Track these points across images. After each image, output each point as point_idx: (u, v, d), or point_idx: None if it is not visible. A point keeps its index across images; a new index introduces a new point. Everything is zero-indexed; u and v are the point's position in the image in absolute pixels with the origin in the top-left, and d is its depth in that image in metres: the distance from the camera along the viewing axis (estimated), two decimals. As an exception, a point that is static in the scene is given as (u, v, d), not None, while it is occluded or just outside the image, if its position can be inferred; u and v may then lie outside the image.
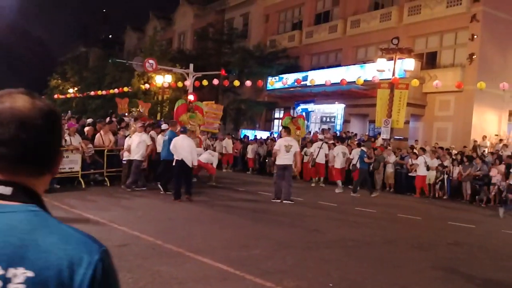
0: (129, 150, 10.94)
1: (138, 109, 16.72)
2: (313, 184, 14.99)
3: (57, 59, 59.93)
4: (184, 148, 9.65)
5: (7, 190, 0.88)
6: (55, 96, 38.67)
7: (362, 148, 13.63)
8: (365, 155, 13.37)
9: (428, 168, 14.20)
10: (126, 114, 17.58)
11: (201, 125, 15.43)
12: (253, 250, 5.91)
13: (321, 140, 15.62)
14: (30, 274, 0.83)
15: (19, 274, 0.83)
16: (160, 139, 11.52)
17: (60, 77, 43.07)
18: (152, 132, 12.78)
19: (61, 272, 0.84)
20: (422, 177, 14.15)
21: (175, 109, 14.91)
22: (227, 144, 19.08)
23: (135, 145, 10.77)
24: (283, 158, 10.28)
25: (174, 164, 9.71)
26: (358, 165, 13.80)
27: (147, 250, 5.60)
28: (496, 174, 12.98)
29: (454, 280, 5.24)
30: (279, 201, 10.26)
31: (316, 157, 14.88)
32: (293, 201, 10.31)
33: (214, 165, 13.37)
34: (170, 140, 10.16)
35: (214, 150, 18.43)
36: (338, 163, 14.22)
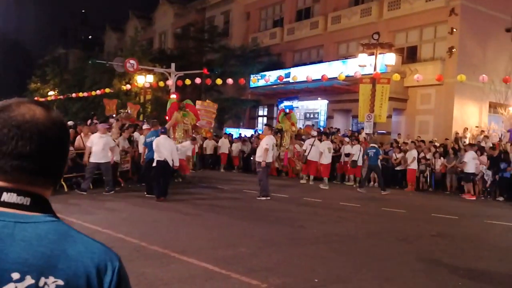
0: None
1: (126, 111, 16.53)
2: (303, 181, 14.87)
3: (36, 62, 58.88)
4: (166, 148, 9.66)
5: (26, 200, 0.89)
6: (35, 99, 37.98)
7: (373, 144, 13.64)
8: (380, 153, 13.56)
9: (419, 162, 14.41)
10: (114, 115, 17.35)
11: (195, 124, 15.43)
12: (239, 249, 5.89)
13: (313, 136, 15.46)
14: (60, 282, 0.86)
15: (50, 283, 0.85)
16: (142, 139, 11.39)
17: (39, 80, 42.32)
18: (136, 134, 12.67)
19: (89, 279, 0.88)
20: (413, 171, 14.34)
21: (167, 109, 14.91)
22: (223, 144, 19.01)
23: (101, 148, 10.24)
24: (270, 156, 10.49)
25: (155, 164, 9.67)
26: (359, 162, 14.31)
27: (132, 253, 5.52)
28: (479, 165, 13.20)
29: (438, 271, 5.30)
30: (269, 198, 10.26)
31: (308, 154, 14.75)
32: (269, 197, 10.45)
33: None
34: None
35: (203, 150, 18.46)
36: (325, 159, 14.26)
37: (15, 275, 0.83)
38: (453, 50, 19.06)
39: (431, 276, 5.11)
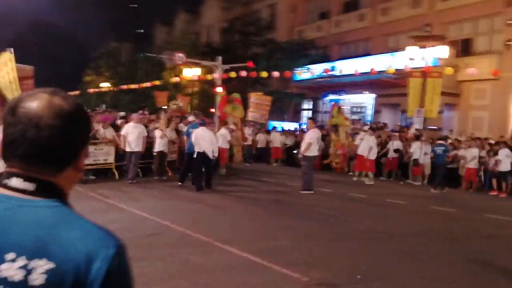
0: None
1: (177, 103, 16.99)
2: (354, 179, 14.17)
3: (91, 55, 61.35)
4: (205, 140, 9.69)
5: (30, 186, 0.93)
6: (90, 90, 39.74)
7: (441, 141, 13.39)
8: (448, 150, 13.16)
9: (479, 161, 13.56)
10: (166, 107, 17.86)
11: (245, 117, 15.77)
12: (280, 241, 5.92)
13: (364, 131, 15.07)
14: (51, 265, 0.88)
15: (42, 265, 0.88)
16: (209, 132, 11.64)
17: (94, 72, 44.20)
18: (181, 125, 12.97)
19: (79, 265, 0.88)
20: (473, 170, 13.45)
21: (218, 102, 15.21)
22: (274, 137, 19.08)
23: (135, 137, 10.47)
24: (315, 150, 10.52)
25: (195, 156, 9.72)
26: (421, 160, 13.83)
27: (177, 240, 5.71)
28: None
29: (488, 273, 5.09)
30: (312, 192, 10.24)
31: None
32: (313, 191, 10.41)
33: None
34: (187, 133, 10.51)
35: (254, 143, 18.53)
36: (372, 155, 13.89)
37: (10, 256, 0.88)
38: (510, 43, 18.02)
39: (478, 278, 4.92)
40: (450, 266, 5.28)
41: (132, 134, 10.46)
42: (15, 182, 0.93)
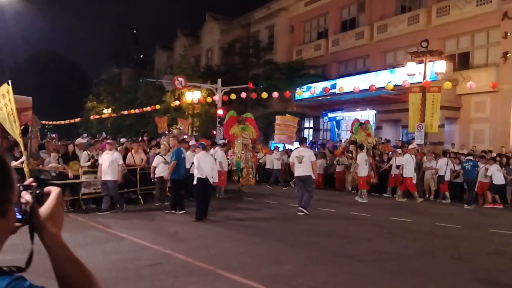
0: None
1: (178, 127, 17.01)
2: (398, 199, 13.70)
3: (92, 81, 62.04)
4: (207, 165, 9.32)
5: None
6: (91, 117, 40.03)
7: (470, 157, 13.32)
8: (478, 165, 13.02)
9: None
10: (166, 132, 17.87)
11: (254, 138, 15.35)
12: (284, 266, 5.84)
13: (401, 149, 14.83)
14: None
15: None
16: (189, 155, 11.63)
17: (95, 99, 44.62)
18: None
19: None
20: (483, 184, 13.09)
21: (225, 122, 14.97)
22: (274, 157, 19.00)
23: (107, 165, 9.99)
24: (297, 170, 10.31)
25: (195, 182, 9.33)
26: (446, 177, 13.51)
27: (178, 269, 5.63)
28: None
29: (496, 293, 4.98)
30: (306, 212, 10.12)
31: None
32: (308, 213, 10.09)
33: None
34: (176, 157, 10.24)
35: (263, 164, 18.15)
36: (362, 172, 13.62)
37: None
38: (507, 55, 18.12)
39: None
40: (457, 286, 5.18)
41: (104, 162, 10.05)
42: None
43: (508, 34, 18.14)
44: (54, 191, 1.06)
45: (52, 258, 1.02)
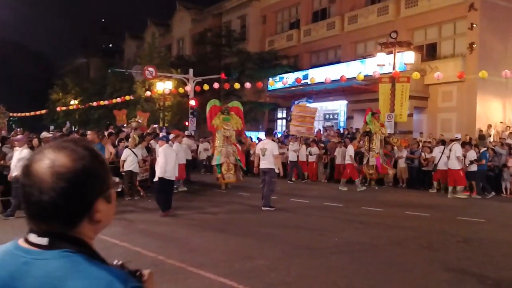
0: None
1: (136, 120, 16.57)
2: (449, 196, 12.54)
3: (58, 72, 60.14)
4: (172, 160, 9.02)
5: (44, 240, 0.97)
6: (58, 109, 38.78)
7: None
8: (487, 156, 12.80)
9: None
10: (125, 125, 17.44)
11: (240, 130, 13.91)
12: (257, 261, 5.78)
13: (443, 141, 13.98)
14: None
15: None
16: (158, 148, 11.37)
17: (61, 90, 43.21)
18: (152, 142, 12.72)
19: None
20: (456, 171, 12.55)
21: (207, 113, 13.69)
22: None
23: (15, 163, 8.69)
24: (261, 162, 10.01)
25: (157, 180, 9.03)
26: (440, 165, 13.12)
27: (149, 267, 5.44)
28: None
29: (465, 281, 5.08)
30: (271, 209, 9.87)
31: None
32: (274, 208, 9.81)
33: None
34: None
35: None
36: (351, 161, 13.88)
37: None
38: (473, 46, 18.57)
39: (458, 287, 4.90)
40: (428, 276, 5.25)
41: (13, 160, 8.92)
42: (32, 237, 0.98)
43: (474, 25, 18.57)
44: (149, 277, 1.17)
45: None
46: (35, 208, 0.97)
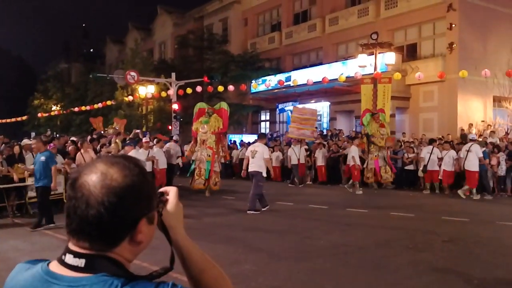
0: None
1: (113, 127, 16.31)
2: (474, 197, 12.11)
3: (39, 77, 59.09)
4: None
5: (80, 262, 0.93)
6: (39, 114, 38.11)
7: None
8: (487, 156, 12.35)
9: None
10: (102, 132, 17.18)
11: (219, 132, 13.20)
12: (244, 265, 5.71)
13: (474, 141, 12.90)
14: None
15: None
16: (141, 153, 11.22)
17: (42, 95, 42.49)
18: (136, 147, 12.52)
19: None
20: (473, 173, 12.13)
21: (194, 116, 13.33)
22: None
23: None
24: (250, 165, 9.96)
25: None
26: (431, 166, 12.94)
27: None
28: (496, 163, 12.81)
29: (451, 281, 5.09)
30: (266, 207, 9.97)
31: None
32: (259, 211, 9.77)
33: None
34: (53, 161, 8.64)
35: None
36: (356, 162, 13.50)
37: None
38: (453, 45, 18.86)
39: (444, 287, 4.91)
40: (415, 277, 5.24)
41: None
42: (68, 258, 0.94)
43: (453, 25, 18.86)
44: (172, 190, 1.13)
45: (185, 256, 1.15)
46: (79, 222, 0.93)
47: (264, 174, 10.02)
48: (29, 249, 6.73)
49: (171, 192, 1.12)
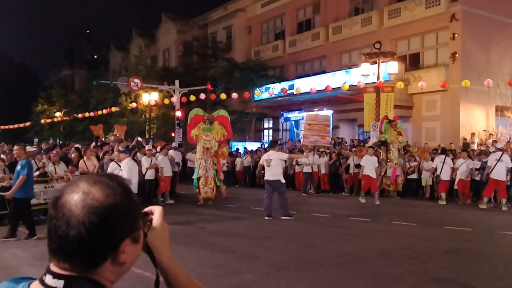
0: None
1: (114, 134, 16.36)
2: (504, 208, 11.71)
3: (42, 83, 59.42)
4: (136, 175, 9.07)
5: (59, 283, 0.91)
6: (42, 121, 38.30)
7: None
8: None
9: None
10: (103, 139, 17.25)
11: (223, 140, 13.10)
12: (246, 275, 5.72)
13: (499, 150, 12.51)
14: None
15: None
16: (144, 161, 11.28)
17: (45, 102, 42.72)
18: (138, 155, 12.59)
19: None
20: (503, 182, 11.82)
21: (188, 123, 13.08)
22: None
23: None
24: (266, 174, 10.13)
25: None
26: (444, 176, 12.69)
27: (134, 284, 5.38)
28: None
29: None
30: (270, 218, 10.03)
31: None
32: (292, 216, 10.02)
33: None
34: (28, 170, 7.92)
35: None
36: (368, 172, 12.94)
37: None
38: (456, 55, 18.93)
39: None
40: (418, 287, 5.25)
41: None
42: (48, 279, 0.92)
43: (456, 35, 18.94)
44: (156, 210, 1.11)
45: (170, 278, 1.09)
46: (60, 242, 0.91)
47: (283, 180, 10.13)
48: (29, 258, 6.74)
49: (156, 211, 1.10)
